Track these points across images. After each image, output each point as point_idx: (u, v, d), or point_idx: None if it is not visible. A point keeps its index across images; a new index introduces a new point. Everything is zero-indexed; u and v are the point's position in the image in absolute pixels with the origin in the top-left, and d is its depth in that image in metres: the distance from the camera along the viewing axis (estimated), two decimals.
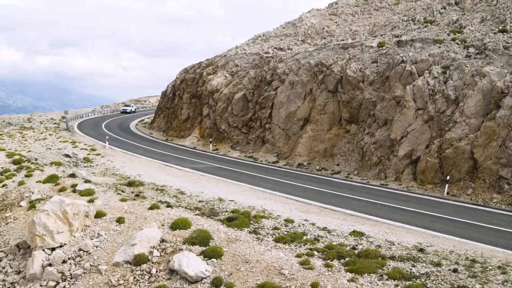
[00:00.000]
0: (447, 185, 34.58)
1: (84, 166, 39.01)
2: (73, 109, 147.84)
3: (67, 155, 42.74)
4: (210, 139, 61.25)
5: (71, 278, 19.45)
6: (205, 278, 17.26)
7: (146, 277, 18.20)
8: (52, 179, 31.05)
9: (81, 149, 50.35)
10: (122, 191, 28.66)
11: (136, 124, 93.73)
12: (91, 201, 25.45)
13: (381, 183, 38.40)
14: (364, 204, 30.15)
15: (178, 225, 21.37)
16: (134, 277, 18.30)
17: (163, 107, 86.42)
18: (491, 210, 30.13)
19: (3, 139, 57.32)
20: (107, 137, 59.41)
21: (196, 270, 17.37)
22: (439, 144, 36.40)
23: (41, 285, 19.77)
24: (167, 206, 24.98)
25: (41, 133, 68.41)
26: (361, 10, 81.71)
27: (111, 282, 18.35)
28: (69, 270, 19.80)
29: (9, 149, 45.83)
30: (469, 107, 36.02)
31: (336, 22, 77.31)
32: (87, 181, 30.44)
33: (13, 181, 31.75)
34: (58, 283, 19.55)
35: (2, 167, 36.31)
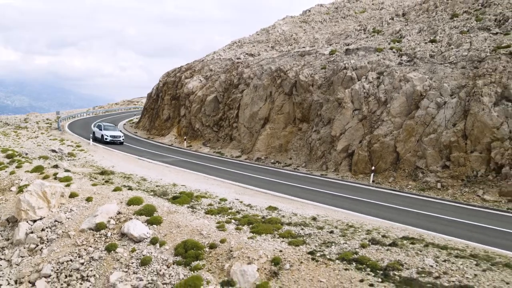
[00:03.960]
0: (372, 174, 40.14)
1: (68, 160, 44.15)
2: (70, 109, 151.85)
3: (53, 150, 48.02)
4: (185, 137, 66.83)
5: (47, 242, 24.88)
6: (146, 239, 22.68)
7: (103, 238, 23.64)
8: (38, 169, 36.47)
9: (68, 145, 55.49)
10: (95, 178, 34.10)
11: (124, 124, 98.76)
12: (67, 185, 30.82)
13: (322, 174, 43.90)
14: (297, 189, 35.33)
15: (133, 201, 26.77)
16: (94, 239, 23.75)
17: (148, 108, 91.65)
18: (401, 194, 35.65)
19: None
20: (91, 135, 64.55)
21: (140, 232, 22.82)
22: (369, 140, 41.93)
23: (24, 247, 25.21)
24: (128, 189, 30.36)
25: (34, 132, 73.24)
26: (329, 18, 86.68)
27: (77, 242, 23.82)
28: (46, 236, 25.25)
29: (3, 146, 50.93)
30: (395, 107, 41.56)
31: (305, 30, 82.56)
32: (67, 171, 35.89)
33: (6, 172, 37.06)
34: (37, 245, 25.00)
35: None
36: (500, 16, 48.29)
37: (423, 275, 16.95)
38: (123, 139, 61.52)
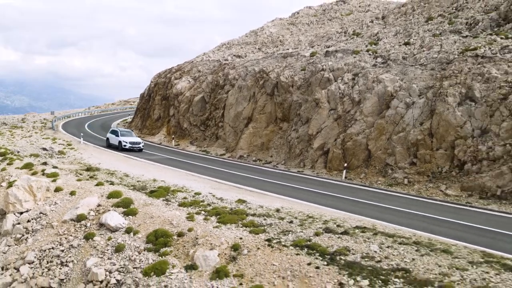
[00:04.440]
0: (344, 171, 42.08)
1: (58, 157, 45.93)
2: (69, 109, 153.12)
3: (44, 149, 49.92)
4: (173, 136, 68.80)
5: (32, 232, 26.79)
6: (121, 228, 24.57)
7: (83, 228, 25.53)
8: (28, 166, 38.32)
9: (59, 144, 57.34)
10: (80, 174, 35.99)
11: (118, 124, 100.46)
12: (54, 180, 32.68)
13: (298, 170, 45.84)
14: (271, 184, 37.09)
15: (113, 195, 28.64)
16: (75, 229, 25.66)
17: (141, 108, 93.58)
18: (370, 189, 37.57)
19: None
20: (82, 134, 66.44)
21: (116, 222, 24.72)
22: (343, 138, 43.85)
23: (11, 237, 27.15)
24: (110, 184, 32.24)
25: (28, 131, 75.02)
26: (316, 20, 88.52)
27: (59, 232, 25.74)
28: (31, 227, 27.17)
29: None
30: (367, 107, 43.50)
31: (291, 32, 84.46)
32: (54, 167, 37.76)
33: None
34: (23, 235, 26.92)
35: None
36: (471, 20, 50.28)
37: (366, 259, 18.76)
38: (142, 146, 56.60)
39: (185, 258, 21.06)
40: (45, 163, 39.87)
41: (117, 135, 56.84)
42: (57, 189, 31.01)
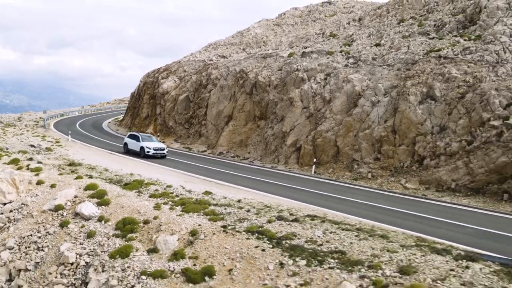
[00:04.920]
0: (314, 166, 44.26)
1: (44, 154, 47.94)
2: (67, 108, 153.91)
3: (32, 145, 51.99)
4: (158, 134, 70.96)
5: (14, 221, 28.89)
6: (94, 217, 26.70)
7: (60, 217, 27.65)
8: (14, 161, 40.38)
9: (48, 141, 59.35)
10: (63, 169, 38.03)
11: (109, 122, 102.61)
12: (37, 174, 34.79)
13: (272, 166, 48.01)
14: (241, 178, 39.09)
15: (89, 187, 30.75)
16: (52, 218, 27.79)
17: (131, 106, 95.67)
18: (335, 183, 39.76)
19: None
20: (70, 131, 68.60)
21: (90, 212, 26.85)
22: (314, 135, 46.03)
23: None
24: (89, 177, 34.31)
25: (20, 130, 76.96)
26: (301, 21, 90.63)
27: (38, 221, 27.88)
28: (13, 216, 29.24)
29: None
30: (336, 106, 45.69)
31: (275, 33, 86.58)
32: (39, 162, 39.89)
33: None
34: (5, 224, 29.02)
35: None
36: (439, 22, 52.51)
37: (309, 243, 20.90)
38: (166, 152, 51.55)
39: (148, 243, 23.22)
40: (31, 159, 41.91)
41: (138, 140, 51.68)
42: (39, 182, 33.09)
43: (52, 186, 32.27)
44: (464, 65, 41.47)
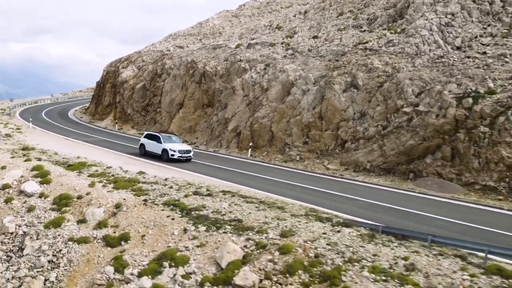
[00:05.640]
0: (250, 150, 47.96)
1: (3, 139, 50.98)
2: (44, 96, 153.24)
3: None
4: (116, 121, 74.36)
5: None
6: (36, 194, 30.25)
7: (6, 194, 31.14)
8: None
9: (9, 128, 62.27)
10: (16, 153, 41.16)
11: (76, 110, 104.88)
12: None
13: (215, 150, 51.70)
14: (179, 160, 42.38)
15: (35, 168, 34.14)
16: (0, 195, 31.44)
17: (96, 95, 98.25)
18: (265, 165, 43.43)
19: None
20: (31, 119, 71.65)
21: (32, 189, 30.40)
22: (251, 121, 49.76)
23: None
24: (38, 160, 37.64)
25: None
26: (258, 13, 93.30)
27: None
28: None
29: None
30: (272, 94, 49.40)
31: (232, 24, 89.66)
32: None
33: None
34: None
35: None
36: (372, 16, 56.37)
37: (215, 213, 24.62)
38: (192, 154, 43.88)
39: (78, 215, 26.95)
40: None
41: (159, 141, 43.82)
42: None
43: (3, 167, 35.58)
44: (386, 57, 45.29)
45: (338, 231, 21.30)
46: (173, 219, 24.22)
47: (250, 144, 48.28)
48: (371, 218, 24.40)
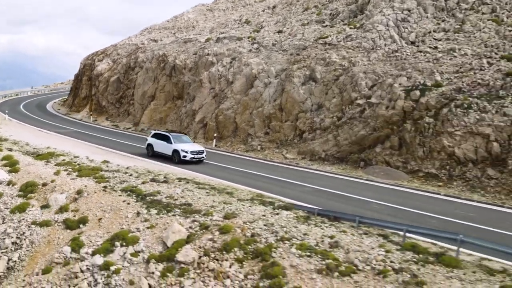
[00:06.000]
0: (214, 140, 50.11)
1: None
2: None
3: None
4: (91, 113, 76.26)
5: None
6: (4, 181, 32.22)
7: None
8: None
9: None
10: None
11: (55, 102, 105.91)
12: None
13: None
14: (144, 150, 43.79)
15: (5, 158, 36.15)
16: None
17: (73, 87, 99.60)
18: (227, 154, 45.59)
19: None
20: (7, 111, 73.43)
21: (1, 178, 32.49)
22: (217, 113, 51.92)
23: None
24: (9, 150, 39.56)
25: None
26: (232, 6, 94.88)
27: None
28: None
29: None
30: (236, 86, 51.54)
31: (206, 18, 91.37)
32: None
33: None
34: None
35: None
36: (334, 11, 58.62)
37: (168, 198, 26.75)
38: (205, 155, 40.61)
39: (43, 201, 29.03)
40: None
41: (169, 141, 40.61)
42: None
43: None
44: (344, 51, 47.55)
45: (277, 214, 23.39)
46: (128, 203, 26.31)
47: (215, 134, 50.27)
48: (314, 203, 26.22)
